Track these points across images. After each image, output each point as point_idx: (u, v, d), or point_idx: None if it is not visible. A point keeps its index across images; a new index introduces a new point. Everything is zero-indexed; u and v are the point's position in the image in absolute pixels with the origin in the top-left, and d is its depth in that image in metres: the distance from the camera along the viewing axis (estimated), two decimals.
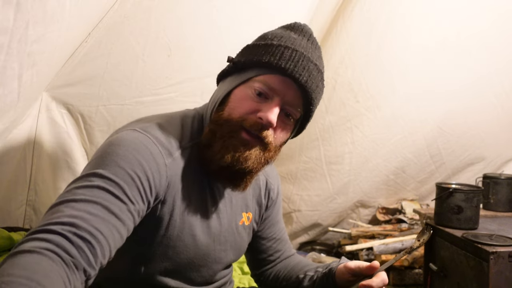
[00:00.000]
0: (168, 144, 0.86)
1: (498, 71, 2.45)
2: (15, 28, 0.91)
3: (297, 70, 0.87)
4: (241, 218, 1.04)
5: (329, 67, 2.41)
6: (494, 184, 2.13)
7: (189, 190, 0.90)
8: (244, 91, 0.89)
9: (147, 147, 0.82)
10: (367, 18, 2.26)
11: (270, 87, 0.87)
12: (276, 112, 0.87)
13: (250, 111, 0.87)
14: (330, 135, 2.56)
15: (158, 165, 0.82)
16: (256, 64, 0.89)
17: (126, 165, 0.78)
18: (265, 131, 0.88)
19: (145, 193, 0.80)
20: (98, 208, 0.72)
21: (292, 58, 0.87)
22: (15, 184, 1.70)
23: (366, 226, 2.76)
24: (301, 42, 0.91)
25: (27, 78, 1.09)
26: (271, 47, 0.89)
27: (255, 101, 0.88)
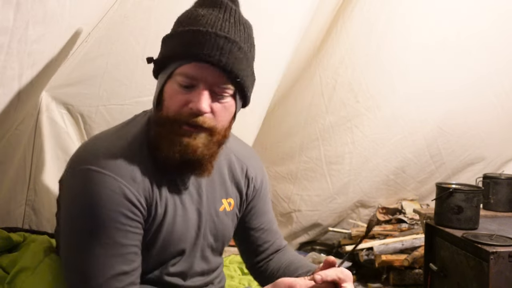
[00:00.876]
0: (128, 170, 0.88)
1: (498, 71, 2.45)
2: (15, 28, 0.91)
3: (206, 51, 0.85)
4: (222, 205, 1.06)
5: (329, 67, 2.42)
6: (494, 184, 2.13)
7: (163, 192, 0.94)
8: (172, 87, 0.90)
9: (112, 190, 0.85)
10: (367, 18, 2.26)
11: (190, 77, 0.88)
12: (204, 99, 0.87)
13: (182, 104, 0.89)
14: (330, 135, 2.56)
15: (129, 199, 0.87)
16: (173, 57, 0.89)
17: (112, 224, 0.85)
18: (202, 119, 0.89)
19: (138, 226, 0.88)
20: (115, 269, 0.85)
21: (199, 41, 0.86)
22: (14, 184, 1.69)
23: (366, 226, 2.76)
24: (208, 19, 0.89)
25: (27, 78, 1.09)
26: (180, 36, 0.89)
27: (183, 93, 0.89)
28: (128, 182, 0.87)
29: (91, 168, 0.86)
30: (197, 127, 0.89)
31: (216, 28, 0.87)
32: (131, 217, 0.86)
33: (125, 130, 0.97)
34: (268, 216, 1.21)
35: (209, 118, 0.90)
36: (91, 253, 0.84)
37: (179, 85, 0.89)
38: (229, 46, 0.87)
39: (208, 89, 0.88)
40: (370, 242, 2.52)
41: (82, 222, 0.86)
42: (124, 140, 0.93)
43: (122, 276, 0.84)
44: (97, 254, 0.84)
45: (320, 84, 2.45)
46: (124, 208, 0.85)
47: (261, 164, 1.21)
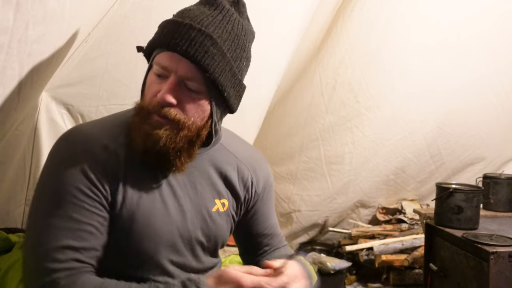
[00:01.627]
0: (98, 148, 0.90)
1: (498, 71, 2.45)
2: (15, 28, 0.91)
3: (175, 41, 0.86)
4: (214, 205, 1.04)
5: (329, 67, 2.42)
6: (494, 184, 2.13)
7: (136, 183, 0.93)
8: (150, 76, 0.92)
9: (74, 163, 0.88)
10: (367, 18, 2.26)
11: (162, 66, 0.88)
12: (168, 89, 0.87)
13: (154, 94, 0.89)
14: (330, 135, 2.56)
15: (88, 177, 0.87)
16: (152, 46, 0.91)
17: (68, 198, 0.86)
18: (167, 110, 0.88)
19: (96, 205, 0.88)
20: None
21: (170, 30, 0.87)
22: (14, 184, 1.70)
23: (366, 226, 2.76)
24: (192, 13, 0.89)
25: (27, 78, 1.09)
26: (161, 26, 0.90)
27: (157, 83, 0.90)
28: (94, 162, 0.88)
29: (61, 142, 0.92)
30: (165, 118, 0.89)
31: (193, 21, 0.87)
32: (89, 195, 0.87)
33: (110, 118, 1.00)
34: (271, 221, 1.20)
35: (175, 110, 0.89)
36: (44, 221, 0.85)
37: (155, 75, 0.90)
38: (201, 38, 0.86)
39: (178, 81, 0.88)
40: (370, 242, 2.52)
41: (47, 189, 0.89)
42: (104, 127, 0.96)
43: (68, 250, 0.84)
44: (50, 224, 0.85)
45: (320, 84, 2.45)
46: (82, 185, 0.86)
47: (268, 169, 1.18)
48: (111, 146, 0.91)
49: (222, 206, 1.06)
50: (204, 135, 0.95)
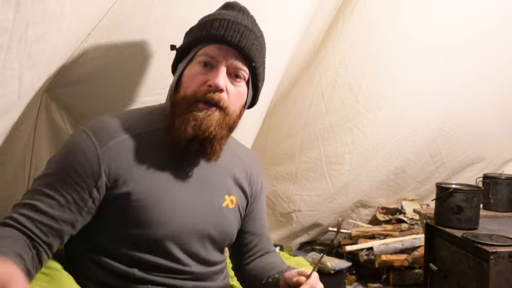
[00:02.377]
0: (106, 133, 0.95)
1: (499, 71, 2.45)
2: (15, 28, 0.91)
3: (228, 33, 0.95)
4: (224, 201, 1.07)
5: (329, 67, 2.41)
6: (494, 184, 2.13)
7: (149, 172, 0.96)
8: (192, 69, 0.98)
9: (78, 142, 0.95)
10: (367, 19, 2.26)
11: (211, 56, 0.96)
12: (221, 76, 0.95)
13: (200, 83, 0.96)
14: (330, 135, 2.55)
15: (87, 157, 0.93)
16: (195, 42, 0.98)
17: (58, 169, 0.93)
18: (218, 96, 0.95)
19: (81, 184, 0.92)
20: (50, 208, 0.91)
21: (222, 25, 0.96)
22: (13, 184, 1.69)
23: (366, 226, 2.76)
24: (231, 13, 1.00)
25: (28, 78, 1.09)
26: (204, 24, 0.99)
27: (203, 73, 0.96)
28: (98, 142, 0.93)
29: (79, 127, 0.99)
30: (212, 105, 0.95)
31: (238, 19, 0.98)
32: (77, 171, 0.92)
33: (137, 109, 1.10)
34: (263, 221, 1.22)
35: (224, 97, 0.96)
36: (35, 182, 0.95)
37: (199, 65, 0.97)
38: (248, 33, 0.98)
39: (226, 69, 0.96)
40: (370, 242, 2.52)
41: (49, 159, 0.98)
42: (126, 115, 1.04)
43: (32, 209, 0.90)
44: (33, 184, 0.94)
45: (320, 84, 2.45)
46: (76, 161, 0.92)
47: (261, 169, 1.24)
48: (124, 136, 0.97)
49: (231, 203, 1.09)
50: (237, 123, 1.02)
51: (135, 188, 0.93)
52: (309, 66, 2.44)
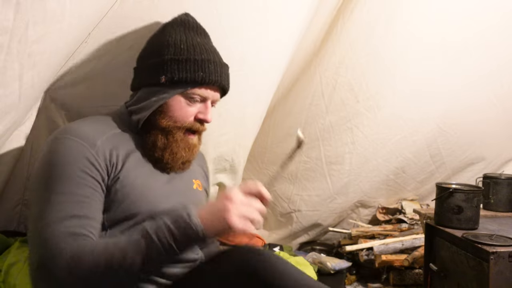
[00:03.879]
0: (90, 136, 1.04)
1: (498, 70, 2.45)
2: (15, 28, 0.91)
3: (222, 80, 1.17)
4: (193, 184, 1.26)
5: (329, 67, 2.41)
6: (494, 184, 2.13)
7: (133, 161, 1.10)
8: (183, 101, 1.14)
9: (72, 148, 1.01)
10: (367, 18, 2.26)
11: (204, 96, 1.15)
12: (211, 112, 1.17)
13: (191, 115, 1.15)
14: (330, 135, 2.55)
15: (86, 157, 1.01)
16: (189, 81, 1.12)
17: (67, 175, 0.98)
18: (204, 127, 1.19)
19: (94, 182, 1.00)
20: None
21: (215, 71, 1.15)
22: (12, 185, 1.70)
23: (366, 226, 2.76)
24: (206, 46, 1.18)
25: (28, 78, 1.09)
26: (198, 63, 1.13)
27: (192, 106, 1.15)
28: (88, 144, 1.02)
29: (56, 137, 1.04)
30: (195, 133, 1.17)
31: (219, 57, 1.19)
32: (87, 172, 0.99)
33: (96, 116, 1.22)
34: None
35: (205, 126, 1.20)
36: (46, 200, 0.95)
37: (191, 100, 1.14)
38: (226, 71, 1.21)
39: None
40: (370, 242, 2.52)
41: (45, 174, 0.99)
42: (94, 120, 1.15)
43: (71, 218, 0.93)
44: (52, 200, 0.94)
45: (320, 84, 2.45)
46: (81, 164, 0.99)
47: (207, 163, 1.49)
48: (107, 134, 1.09)
49: (198, 186, 1.29)
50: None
51: (123, 179, 1.05)
52: (309, 66, 2.44)
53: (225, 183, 2.02)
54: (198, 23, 1.24)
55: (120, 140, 1.11)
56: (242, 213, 0.92)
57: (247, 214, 0.93)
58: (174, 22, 1.23)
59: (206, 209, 0.95)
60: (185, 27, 1.20)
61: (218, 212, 0.92)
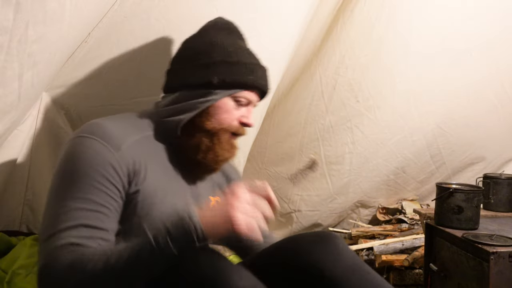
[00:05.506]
0: (115, 137, 0.99)
1: (499, 70, 2.45)
2: (15, 28, 0.91)
3: (265, 83, 1.16)
4: (211, 202, 1.18)
5: (329, 67, 2.41)
6: (494, 184, 2.13)
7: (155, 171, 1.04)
8: (230, 104, 1.11)
9: (96, 151, 0.95)
10: (367, 18, 2.26)
11: (250, 100, 1.14)
12: (251, 115, 1.15)
13: (236, 118, 1.12)
14: (330, 135, 2.55)
15: (110, 163, 0.95)
16: (241, 83, 1.10)
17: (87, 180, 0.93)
18: (245, 130, 1.15)
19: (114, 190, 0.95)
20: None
21: (263, 75, 1.15)
22: (13, 184, 1.70)
23: (366, 226, 2.76)
24: (249, 51, 1.16)
25: (28, 78, 1.09)
26: (246, 67, 1.11)
27: (238, 110, 1.12)
28: (112, 147, 0.96)
29: (81, 135, 0.98)
30: (236, 136, 1.14)
31: (260, 61, 1.17)
32: (108, 178, 0.94)
33: (126, 114, 1.15)
34: None
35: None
36: (62, 204, 0.91)
37: (236, 104, 1.12)
38: (268, 75, 1.18)
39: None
40: (370, 242, 2.52)
41: (64, 175, 0.95)
42: (123, 118, 1.09)
43: (83, 227, 0.89)
44: (67, 205, 0.90)
45: (320, 84, 2.45)
46: (102, 168, 0.94)
47: (239, 174, 1.39)
48: (134, 137, 1.03)
49: (217, 203, 1.15)
50: None
51: (145, 187, 1.00)
52: (309, 66, 2.44)
53: None
54: (237, 27, 1.21)
55: (148, 145, 1.06)
56: (247, 212, 0.87)
57: (253, 214, 0.87)
58: (215, 25, 1.19)
59: (209, 207, 0.92)
60: (228, 30, 1.18)
61: (221, 207, 0.88)
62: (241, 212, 0.86)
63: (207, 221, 0.87)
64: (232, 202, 0.87)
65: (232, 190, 0.90)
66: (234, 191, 0.89)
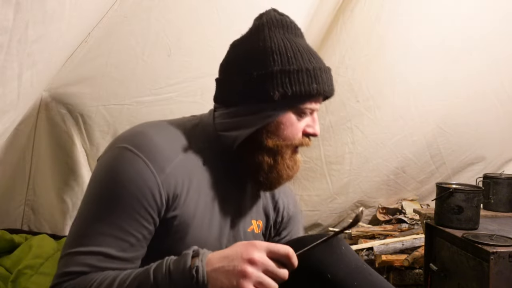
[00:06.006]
0: (162, 158, 0.90)
1: (499, 70, 2.45)
2: (15, 28, 0.91)
3: (333, 88, 1.02)
4: (251, 226, 1.08)
5: None
6: (494, 184, 2.13)
7: (195, 193, 0.95)
8: (293, 117, 0.98)
9: (138, 173, 0.87)
10: (367, 18, 2.26)
11: (314, 108, 1.01)
12: (318, 124, 1.04)
13: (300, 131, 0.99)
14: (330, 135, 2.55)
15: (150, 188, 0.87)
16: (305, 94, 0.96)
17: (122, 205, 0.85)
18: (309, 141, 1.02)
19: (148, 218, 0.87)
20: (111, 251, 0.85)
21: (328, 79, 0.99)
22: (14, 184, 1.70)
23: (366, 226, 2.75)
24: (310, 51, 1.01)
25: (27, 78, 1.09)
26: (309, 74, 0.97)
27: (301, 121, 1.00)
28: (157, 169, 0.88)
29: (127, 147, 0.89)
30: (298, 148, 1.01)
31: (322, 62, 1.01)
32: (144, 206, 0.86)
33: (180, 123, 1.00)
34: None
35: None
36: (91, 223, 0.85)
37: (301, 116, 0.99)
38: (332, 77, 1.02)
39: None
40: (370, 242, 2.52)
41: (101, 192, 0.87)
42: (174, 132, 0.97)
43: (103, 256, 0.83)
44: (95, 226, 0.84)
45: None
46: (141, 195, 0.86)
47: (292, 191, 1.24)
48: (181, 155, 0.94)
49: (257, 227, 1.10)
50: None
51: (183, 210, 0.93)
52: None
53: None
54: (293, 22, 1.06)
55: (196, 161, 0.96)
56: (260, 281, 0.77)
57: (266, 284, 0.78)
58: (269, 23, 1.03)
59: (221, 258, 0.80)
60: (284, 28, 1.03)
61: (233, 270, 0.78)
62: (253, 283, 0.77)
63: (213, 275, 0.78)
64: (245, 268, 0.77)
65: (249, 249, 0.79)
66: (251, 254, 0.78)
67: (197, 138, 0.98)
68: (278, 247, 0.80)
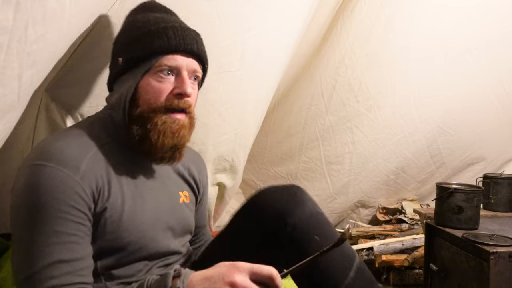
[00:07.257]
0: (72, 159, 0.91)
1: (499, 70, 2.45)
2: (15, 28, 0.91)
3: (186, 42, 0.99)
4: (180, 197, 1.13)
5: (329, 67, 2.41)
6: (494, 184, 2.13)
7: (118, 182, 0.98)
8: (152, 79, 0.98)
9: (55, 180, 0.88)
10: (367, 18, 2.26)
11: (173, 66, 0.98)
12: (189, 83, 0.99)
13: (166, 92, 0.98)
14: (330, 135, 2.55)
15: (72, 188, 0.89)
16: (150, 54, 0.97)
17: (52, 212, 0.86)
18: (187, 102, 0.99)
19: (81, 215, 0.89)
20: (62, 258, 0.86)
21: (176, 34, 0.98)
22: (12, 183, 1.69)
23: (366, 226, 2.75)
24: (169, 18, 1.02)
25: (27, 78, 1.09)
26: (154, 33, 0.98)
27: (166, 82, 0.98)
28: (71, 170, 0.89)
29: (35, 163, 0.90)
30: (181, 112, 0.99)
31: (182, 24, 1.02)
32: (72, 205, 0.88)
33: (77, 126, 1.05)
34: (205, 213, 1.30)
35: (191, 102, 1.01)
36: (31, 241, 0.85)
37: (161, 75, 0.98)
38: (198, 37, 1.03)
39: (188, 76, 1.00)
40: (370, 242, 2.52)
41: (28, 210, 0.88)
42: (75, 134, 0.99)
43: (59, 264, 0.84)
44: (37, 242, 0.85)
45: (320, 84, 2.45)
46: (64, 196, 0.87)
47: (205, 165, 1.30)
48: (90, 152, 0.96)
49: (186, 198, 1.16)
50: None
51: (111, 202, 0.95)
52: (309, 66, 2.44)
53: (225, 183, 2.02)
54: (162, 5, 1.09)
55: (105, 155, 0.98)
56: None
57: None
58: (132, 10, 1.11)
59: (203, 280, 0.80)
60: (144, 9, 1.08)
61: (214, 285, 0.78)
62: None
63: None
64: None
65: (231, 272, 0.78)
66: (232, 278, 0.77)
67: (99, 134, 1.00)
68: (262, 269, 0.79)
